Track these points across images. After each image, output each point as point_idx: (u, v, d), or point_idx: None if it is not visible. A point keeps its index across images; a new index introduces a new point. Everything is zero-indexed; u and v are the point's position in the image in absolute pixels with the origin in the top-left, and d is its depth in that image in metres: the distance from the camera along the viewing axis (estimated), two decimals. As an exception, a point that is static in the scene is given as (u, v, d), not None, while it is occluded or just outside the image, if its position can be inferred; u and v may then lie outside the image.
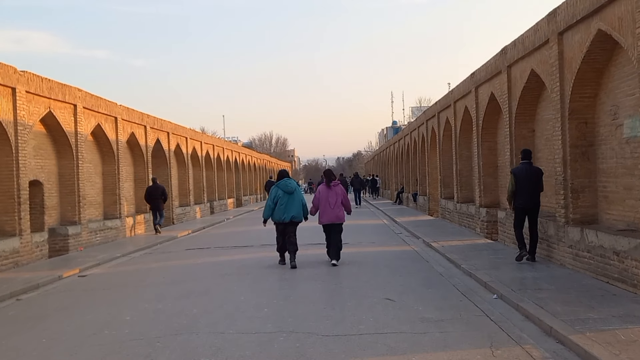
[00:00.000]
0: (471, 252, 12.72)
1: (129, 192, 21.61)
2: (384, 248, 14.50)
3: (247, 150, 51.18)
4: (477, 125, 16.56)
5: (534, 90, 12.50)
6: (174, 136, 26.38)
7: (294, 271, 11.06)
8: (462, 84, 18.28)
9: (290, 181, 12.12)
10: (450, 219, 20.79)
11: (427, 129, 25.89)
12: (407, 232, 18.74)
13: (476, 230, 16.77)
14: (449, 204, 21.20)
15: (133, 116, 21.05)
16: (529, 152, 11.38)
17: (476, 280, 9.64)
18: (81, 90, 16.79)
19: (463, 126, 19.01)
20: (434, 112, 23.61)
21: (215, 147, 35.20)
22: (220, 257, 13.63)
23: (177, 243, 18.00)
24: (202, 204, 30.95)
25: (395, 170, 41.11)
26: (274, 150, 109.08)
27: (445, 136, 22.25)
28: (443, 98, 21.62)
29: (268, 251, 14.06)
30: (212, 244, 16.64)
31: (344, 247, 13.29)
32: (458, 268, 11.02)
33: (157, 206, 20.46)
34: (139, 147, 22.03)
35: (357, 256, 12.90)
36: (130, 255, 15.10)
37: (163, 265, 12.93)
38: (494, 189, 16.25)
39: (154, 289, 9.76)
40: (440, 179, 22.93)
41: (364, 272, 10.64)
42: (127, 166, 21.56)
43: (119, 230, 19.15)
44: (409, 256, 12.91)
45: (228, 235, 19.96)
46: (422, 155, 28.28)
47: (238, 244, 16.18)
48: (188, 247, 15.87)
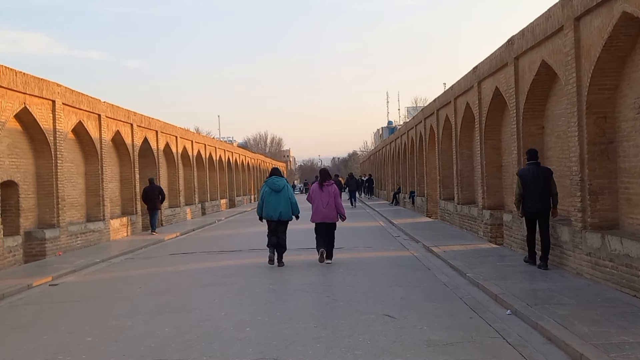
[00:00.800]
0: (476, 259, 11.79)
1: (114, 193, 20.63)
2: (381, 253, 13.56)
3: (241, 150, 50.20)
4: (479, 122, 15.64)
5: (545, 84, 11.58)
6: (163, 135, 25.38)
7: (283, 281, 10.11)
8: (463, 79, 17.35)
9: (278, 179, 12.05)
10: (451, 221, 19.87)
11: (425, 128, 24.97)
12: (405, 235, 17.81)
13: (479, 234, 15.85)
14: (448, 205, 20.27)
15: (118, 114, 20.05)
16: (535, 152, 10.60)
17: (485, 292, 8.70)
18: (60, 85, 15.80)
19: (464, 124, 18.09)
20: (433, 109, 22.69)
21: (207, 147, 34.20)
22: (205, 264, 12.66)
23: (162, 247, 17.02)
24: (193, 205, 29.96)
25: (392, 170, 40.19)
26: (269, 150, 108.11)
27: (444, 134, 21.33)
28: (442, 95, 20.70)
29: (257, 256, 13.12)
30: (198, 248, 15.66)
31: (338, 253, 12.60)
32: (463, 277, 10.08)
33: (154, 206, 20.60)
34: (125, 146, 21.03)
35: (353, 263, 11.95)
36: (110, 261, 14.12)
37: (142, 272, 11.96)
38: (498, 190, 15.32)
39: (127, 302, 8.79)
40: (440, 180, 22.01)
41: (360, 282, 9.69)
42: (112, 166, 20.57)
43: (102, 233, 18.15)
44: (408, 263, 11.97)
45: (217, 238, 18.99)
46: (420, 155, 27.36)
47: (226, 249, 15.20)
48: (173, 252, 14.90)
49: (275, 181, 11.97)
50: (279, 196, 11.85)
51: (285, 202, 11.87)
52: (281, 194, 11.86)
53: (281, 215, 11.86)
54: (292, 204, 11.97)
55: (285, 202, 11.87)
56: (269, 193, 11.91)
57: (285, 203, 11.87)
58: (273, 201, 11.84)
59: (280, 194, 11.86)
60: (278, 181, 11.99)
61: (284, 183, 12.09)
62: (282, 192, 11.87)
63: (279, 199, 11.84)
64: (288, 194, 11.94)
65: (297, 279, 10.15)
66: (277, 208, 11.82)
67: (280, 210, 11.83)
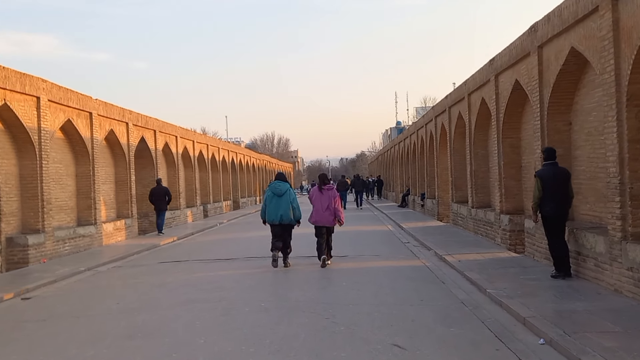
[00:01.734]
0: (495, 270, 10.59)
1: (108, 195, 19.57)
2: (389, 263, 12.37)
3: (245, 151, 49.11)
4: (497, 119, 14.42)
5: (573, 74, 10.35)
6: (161, 134, 24.32)
7: (277, 296, 8.93)
8: (478, 73, 16.14)
9: (281, 184, 12.25)
10: (464, 226, 18.64)
11: (436, 126, 23.75)
12: (415, 242, 16.60)
13: (496, 240, 14.63)
14: (462, 208, 19.04)
15: (112, 112, 18.99)
16: (554, 152, 9.72)
17: (510, 313, 7.50)
18: (46, 80, 14.74)
19: (479, 121, 16.87)
20: (444, 107, 21.46)
21: (210, 147, 33.13)
22: (195, 274, 11.52)
23: (155, 253, 15.92)
24: (194, 207, 28.88)
25: (401, 171, 38.95)
26: (276, 151, 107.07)
27: (457, 133, 20.10)
28: (455, 91, 19.48)
29: (252, 266, 12.01)
30: (192, 256, 14.54)
31: (342, 262, 11.54)
32: (483, 293, 8.88)
33: (161, 207, 20.78)
34: (119, 146, 19.97)
35: (358, 274, 10.78)
36: (96, 270, 13.03)
37: (125, 284, 10.84)
38: (517, 193, 14.10)
39: (96, 322, 7.66)
40: (452, 181, 20.78)
41: (365, 299, 8.51)
42: (106, 167, 19.52)
43: (93, 238, 17.07)
44: (420, 275, 10.78)
45: (214, 243, 17.87)
46: (431, 155, 26.13)
47: (221, 256, 14.05)
48: (163, 260, 13.78)
49: (277, 185, 12.21)
50: (280, 200, 12.05)
51: (286, 206, 12.03)
52: (282, 199, 12.05)
53: (282, 219, 12.00)
54: (293, 208, 12.09)
55: (286, 206, 12.03)
56: (271, 197, 12.15)
57: (285, 207, 12.02)
58: (275, 205, 12.05)
59: (282, 198, 12.06)
60: (280, 185, 12.19)
61: (287, 187, 12.22)
62: (283, 197, 12.07)
63: (280, 203, 12.03)
64: (289, 199, 12.10)
65: (294, 294, 8.99)
66: (278, 212, 12.00)
67: (281, 213, 11.99)
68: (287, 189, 12.20)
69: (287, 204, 12.02)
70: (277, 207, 11.98)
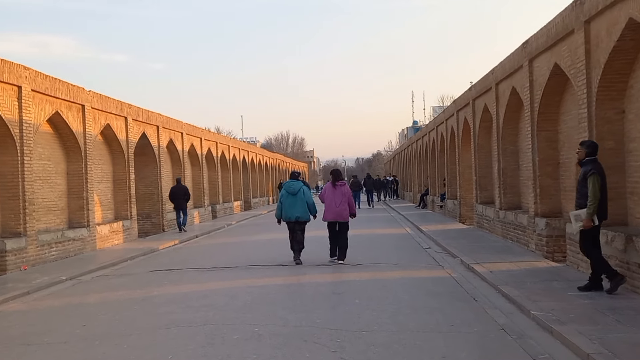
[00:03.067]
0: (535, 284, 8.98)
1: (105, 195, 18.21)
2: (409, 273, 10.78)
3: (258, 149, 47.71)
4: (530, 110, 12.77)
5: (629, 52, 8.71)
6: (165, 131, 22.94)
7: (276, 319, 7.35)
8: (507, 60, 14.49)
9: (294, 182, 12.53)
10: (490, 230, 16.98)
11: (458, 121, 22.08)
12: (437, 247, 14.99)
13: (529, 247, 12.98)
14: (487, 210, 17.38)
15: (108, 105, 17.61)
16: (597, 146, 8.51)
17: (566, 346, 5.90)
18: (28, 68, 13.37)
19: (508, 114, 15.22)
20: (468, 99, 19.80)
21: (219, 145, 31.72)
22: (185, 286, 10.03)
23: (151, 259, 14.48)
24: (201, 208, 27.48)
25: (418, 170, 37.28)
26: (291, 150, 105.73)
27: (482, 128, 18.44)
28: (480, 81, 17.82)
29: (253, 277, 10.50)
30: (188, 263, 13.06)
31: (355, 272, 10.15)
32: (526, 315, 7.28)
33: (180, 205, 21.15)
34: (117, 142, 18.59)
35: (373, 288, 9.23)
36: (79, 279, 11.61)
37: (102, 299, 9.37)
38: (554, 194, 12.45)
39: (48, 354, 6.19)
40: (476, 180, 19.12)
41: (382, 324, 6.96)
42: (103, 165, 18.17)
43: (85, 242, 15.70)
44: (446, 289, 9.19)
45: (217, 248, 16.39)
46: (452, 153, 24.47)
47: (220, 263, 12.54)
48: (156, 268, 12.30)
49: (291, 184, 12.49)
50: (295, 199, 12.30)
51: (301, 204, 12.29)
52: (297, 197, 12.31)
53: (298, 217, 12.28)
54: (308, 205, 12.40)
55: (301, 204, 12.29)
56: (286, 196, 12.41)
57: (301, 205, 12.29)
58: (290, 204, 12.32)
59: (296, 196, 12.31)
60: (294, 184, 12.47)
61: (300, 186, 12.46)
62: (297, 195, 12.32)
63: (294, 202, 12.29)
64: (304, 197, 12.34)
65: (296, 315, 7.44)
66: (293, 210, 12.27)
67: (296, 212, 12.27)
68: (301, 187, 12.43)
69: (302, 201, 12.28)
70: (293, 205, 12.26)
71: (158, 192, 21.91)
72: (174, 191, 21.29)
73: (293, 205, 12.25)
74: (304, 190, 12.43)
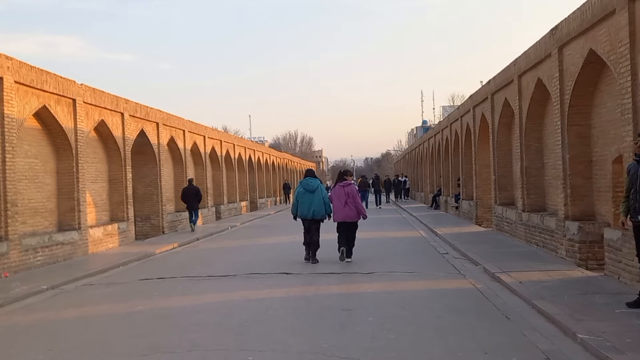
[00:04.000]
0: (574, 298, 7.81)
1: (99, 195, 17.16)
2: (428, 284, 9.59)
3: (265, 148, 46.63)
4: (560, 102, 11.57)
5: (687, 31, 7.52)
6: (166, 128, 21.86)
7: (275, 343, 6.20)
8: (533, 50, 13.29)
9: (312, 180, 12.50)
10: (511, 233, 15.77)
11: (475, 117, 20.89)
12: (455, 252, 13.82)
13: (558, 253, 11.79)
14: (508, 212, 16.18)
15: (102, 99, 16.55)
16: None
17: (635, 386, 4.74)
18: (11, 58, 12.31)
19: (533, 108, 14.03)
20: (485, 94, 18.59)
21: (224, 143, 30.64)
22: (174, 300, 8.87)
23: (145, 265, 13.40)
24: (204, 209, 26.34)
25: (430, 170, 36.06)
26: (299, 150, 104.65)
27: (502, 124, 17.25)
28: (500, 74, 16.60)
29: (252, 287, 9.39)
30: (184, 270, 11.94)
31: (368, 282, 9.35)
32: (572, 339, 6.11)
33: (192, 206, 21.45)
34: (113, 140, 17.52)
35: (389, 302, 8.08)
36: (62, 288, 10.53)
37: (80, 314, 8.27)
38: (586, 194, 11.27)
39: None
40: (495, 180, 17.92)
41: (402, 349, 5.81)
42: (97, 163, 17.13)
43: (76, 246, 14.64)
44: (472, 304, 8.03)
45: (217, 252, 15.28)
46: (467, 151, 23.26)
47: (217, 271, 11.40)
48: (147, 276, 11.17)
49: (309, 182, 12.44)
50: (312, 196, 12.26)
51: (319, 202, 12.26)
52: (315, 194, 12.27)
53: (314, 214, 12.25)
54: (325, 204, 12.37)
55: (319, 202, 12.26)
56: (303, 193, 12.36)
57: (318, 202, 12.25)
58: (307, 201, 12.27)
59: (314, 194, 12.28)
60: (312, 182, 12.44)
61: (318, 184, 12.49)
62: (315, 193, 12.28)
63: (312, 199, 12.25)
64: (321, 194, 12.32)
65: (298, 339, 6.27)
66: (310, 207, 12.25)
67: (313, 209, 12.23)
68: (318, 185, 12.46)
69: (320, 199, 12.25)
70: (310, 202, 12.23)
71: (158, 192, 20.84)
72: (186, 191, 21.48)
73: (310, 202, 12.23)
74: (321, 187, 12.47)
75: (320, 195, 12.30)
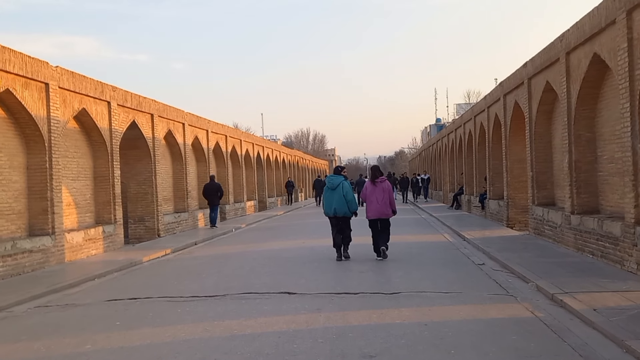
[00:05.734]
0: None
1: (82, 195, 15.12)
2: (472, 311, 7.33)
3: (274, 145, 44.46)
4: (630, 79, 9.30)
5: None
6: (162, 120, 19.80)
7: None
8: (588, 19, 11.03)
9: (334, 177, 12.55)
10: (555, 239, 13.51)
11: (505, 107, 18.62)
12: (492, 262, 11.61)
13: (626, 265, 9.53)
14: (551, 214, 13.91)
15: (84, 86, 14.48)
16: None
17: None
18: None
19: (585, 91, 11.78)
20: (520, 79, 16.30)
21: (229, 139, 28.53)
22: (138, 334, 6.62)
23: (122, 278, 11.29)
24: (207, 209, 24.26)
25: (450, 167, 33.75)
26: (311, 148, 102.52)
27: (541, 112, 15.01)
28: (541, 53, 14.31)
29: (244, 313, 7.25)
30: (164, 286, 9.80)
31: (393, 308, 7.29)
32: None
33: (214, 202, 21.93)
34: (98, 132, 15.46)
35: (425, 342, 5.89)
36: (10, 310, 8.46)
37: (8, 351, 6.19)
38: (663, 194, 9.00)
39: None
40: (532, 177, 15.65)
41: None
42: (79, 158, 15.09)
43: (48, 254, 12.60)
44: (540, 345, 5.80)
45: (211, 261, 13.13)
46: (495, 145, 20.99)
47: (204, 289, 9.20)
48: (117, 296, 9.01)
49: (331, 179, 12.53)
50: (333, 193, 12.27)
51: (339, 199, 12.20)
52: (335, 192, 12.27)
53: (336, 211, 12.23)
54: (347, 201, 12.25)
55: (339, 199, 12.20)
56: (327, 190, 12.49)
57: (339, 200, 12.19)
58: (329, 198, 12.35)
59: (335, 191, 12.27)
60: (334, 179, 12.48)
61: (340, 180, 12.42)
62: (336, 190, 12.28)
63: (333, 196, 12.26)
64: (342, 192, 12.26)
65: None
66: (331, 205, 12.27)
67: (334, 206, 12.22)
68: (341, 182, 12.37)
69: (340, 197, 12.18)
70: (331, 200, 12.25)
71: (153, 191, 18.79)
72: (208, 187, 21.86)
73: (331, 200, 12.25)
74: (343, 185, 12.33)
75: (341, 192, 12.20)
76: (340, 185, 12.29)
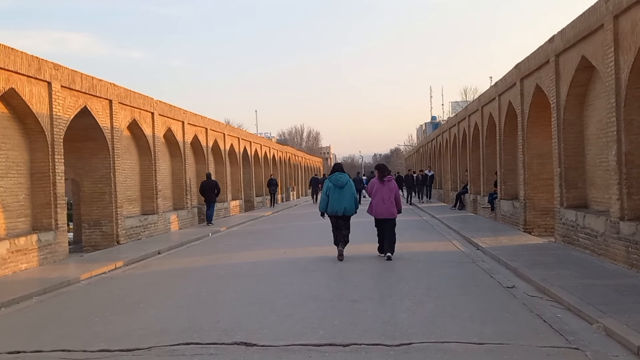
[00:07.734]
0: None
1: (13, 195, 12.48)
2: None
3: (263, 140, 41.62)
4: None
5: None
6: (124, 108, 17.04)
7: None
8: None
9: (341, 175, 12.15)
10: (595, 250, 10.86)
11: (523, 93, 15.99)
12: (525, 283, 8.94)
13: None
14: (589, 220, 11.25)
15: (11, 60, 11.72)
16: None
17: None
18: None
19: (638, 65, 9.12)
20: (544, 57, 13.64)
21: (210, 132, 25.73)
22: None
23: (38, 308, 8.52)
24: (182, 210, 21.60)
25: (452, 164, 31.14)
26: (305, 145, 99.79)
27: (572, 97, 12.41)
28: (576, 22, 11.64)
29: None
30: (78, 326, 6.96)
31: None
32: None
33: (210, 199, 21.89)
34: (33, 118, 12.69)
35: None
36: None
37: None
38: None
39: None
40: (560, 174, 13.00)
41: None
42: (8, 150, 12.35)
43: (-44, 271, 9.85)
44: None
45: (164, 282, 10.36)
46: (508, 138, 18.40)
47: (127, 336, 6.25)
48: (15, 349, 6.27)
49: (338, 177, 12.09)
50: (342, 192, 11.95)
51: (349, 198, 11.95)
52: (345, 190, 11.96)
53: (346, 210, 11.94)
54: (355, 199, 12.07)
55: (349, 198, 11.95)
56: (333, 189, 12.02)
57: (349, 198, 11.94)
58: (337, 197, 11.93)
59: (344, 189, 11.97)
60: (341, 177, 12.09)
61: (347, 179, 12.16)
62: (345, 188, 11.98)
63: (343, 195, 11.93)
64: (351, 190, 12.02)
65: None
66: (341, 204, 11.91)
67: (344, 205, 11.91)
68: (348, 180, 12.13)
69: (350, 195, 11.94)
70: (341, 199, 11.89)
71: (111, 190, 16.03)
72: (205, 185, 21.90)
73: (341, 198, 11.87)
74: (350, 183, 12.14)
75: (350, 190, 11.99)
76: (348, 184, 12.03)
